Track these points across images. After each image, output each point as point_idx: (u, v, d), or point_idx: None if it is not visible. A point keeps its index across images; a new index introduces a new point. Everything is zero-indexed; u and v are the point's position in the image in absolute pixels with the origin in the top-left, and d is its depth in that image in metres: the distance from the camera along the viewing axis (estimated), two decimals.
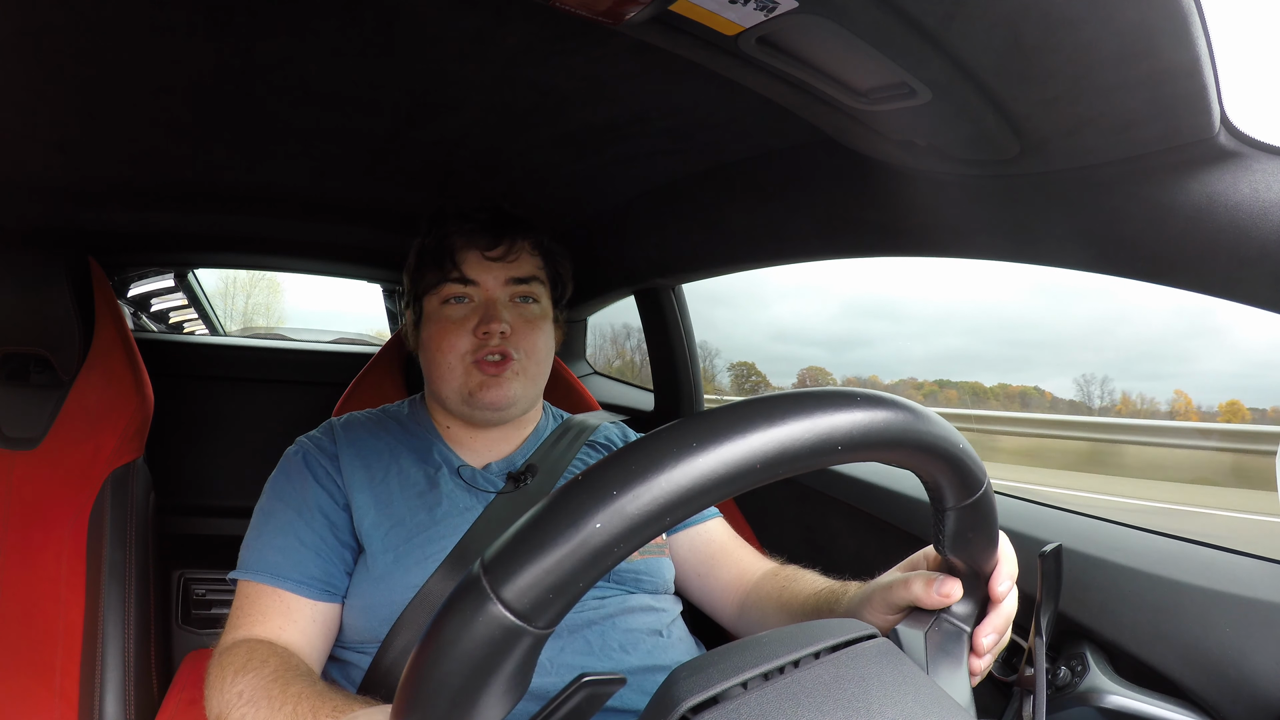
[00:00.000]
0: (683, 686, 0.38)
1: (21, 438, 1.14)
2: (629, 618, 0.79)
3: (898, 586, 0.56)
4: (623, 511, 0.31)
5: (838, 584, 0.73)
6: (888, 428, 0.36)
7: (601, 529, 0.31)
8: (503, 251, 0.90)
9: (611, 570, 0.32)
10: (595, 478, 0.32)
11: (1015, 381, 10.00)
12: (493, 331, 0.87)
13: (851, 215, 0.92)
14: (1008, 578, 0.52)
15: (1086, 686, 0.68)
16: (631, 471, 0.31)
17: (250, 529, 0.82)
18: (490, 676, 0.32)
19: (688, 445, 0.32)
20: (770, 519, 1.28)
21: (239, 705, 0.64)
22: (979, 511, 0.45)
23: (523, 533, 0.32)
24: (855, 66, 0.60)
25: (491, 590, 0.31)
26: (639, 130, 0.93)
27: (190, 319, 4.25)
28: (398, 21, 0.69)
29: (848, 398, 0.36)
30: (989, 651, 0.53)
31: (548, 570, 0.31)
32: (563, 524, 0.31)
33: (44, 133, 0.97)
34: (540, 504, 0.33)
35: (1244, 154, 0.54)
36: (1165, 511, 4.93)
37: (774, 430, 0.33)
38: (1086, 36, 0.48)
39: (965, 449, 0.41)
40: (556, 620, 0.32)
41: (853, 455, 0.36)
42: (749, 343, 16.38)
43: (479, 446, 0.93)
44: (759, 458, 0.32)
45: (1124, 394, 8.89)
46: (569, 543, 0.31)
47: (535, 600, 0.31)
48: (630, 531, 0.31)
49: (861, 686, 0.39)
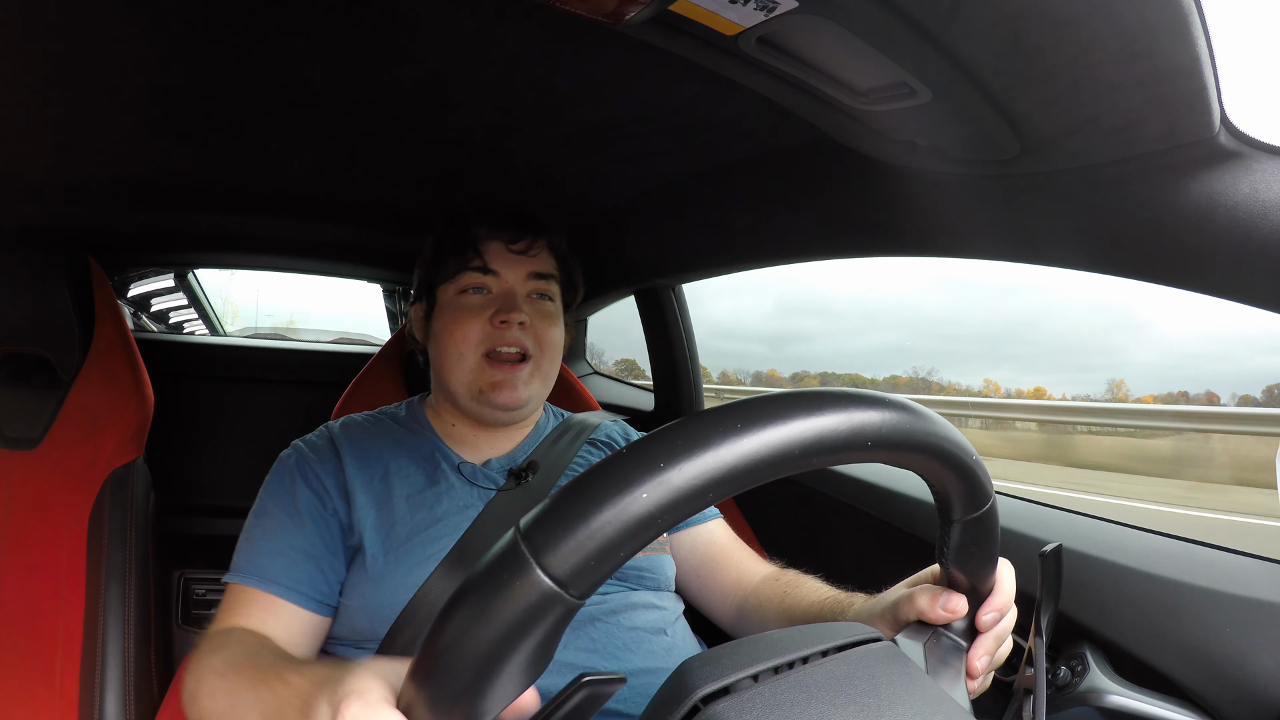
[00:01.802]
0: (696, 676, 0.38)
1: (21, 438, 1.14)
2: (632, 615, 0.79)
3: (903, 602, 0.57)
4: (669, 483, 0.31)
5: (843, 594, 0.73)
6: (914, 429, 0.38)
7: (647, 499, 0.31)
8: (525, 245, 0.91)
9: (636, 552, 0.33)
10: (641, 450, 0.33)
11: (959, 375, 10.14)
12: (511, 321, 0.87)
13: (851, 215, 0.92)
14: (996, 610, 0.53)
15: (1086, 686, 0.68)
16: (678, 446, 0.32)
17: (243, 532, 0.82)
18: (519, 645, 0.32)
19: (733, 426, 0.33)
20: (770, 519, 1.28)
21: (210, 678, 0.64)
22: (983, 526, 0.46)
23: (566, 498, 0.32)
24: (855, 66, 0.60)
25: (531, 555, 0.31)
26: (639, 130, 0.93)
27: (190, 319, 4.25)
28: (398, 21, 0.69)
29: (880, 399, 0.37)
30: (981, 673, 0.54)
31: (591, 535, 0.31)
32: (609, 491, 0.31)
33: (44, 133, 0.97)
34: (582, 474, 0.33)
35: (1244, 154, 0.54)
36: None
37: (814, 420, 0.34)
38: (1087, 36, 0.48)
39: (977, 461, 0.43)
40: (590, 591, 0.32)
41: (880, 453, 0.37)
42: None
43: (480, 444, 0.93)
44: (798, 444, 0.34)
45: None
46: (614, 509, 0.31)
47: (576, 567, 0.31)
48: (674, 504, 0.31)
49: (871, 684, 0.39)
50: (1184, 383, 9.45)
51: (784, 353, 16.18)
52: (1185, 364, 9.36)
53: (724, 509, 1.13)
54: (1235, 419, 5.47)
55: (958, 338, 12.70)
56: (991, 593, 0.53)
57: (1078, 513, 0.88)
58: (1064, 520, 0.86)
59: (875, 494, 1.06)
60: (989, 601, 0.53)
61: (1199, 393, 7.64)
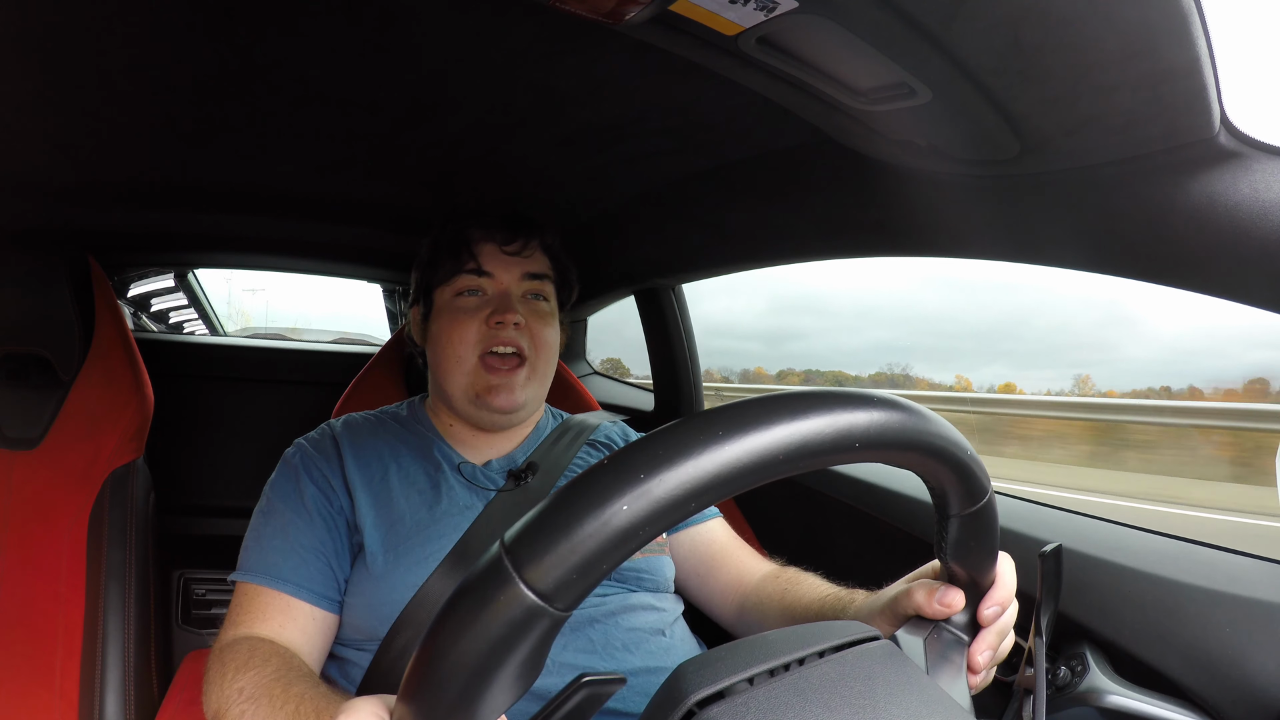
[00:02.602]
0: (690, 680, 0.38)
1: (21, 438, 1.14)
2: (631, 616, 0.79)
3: (901, 597, 0.57)
4: (649, 494, 0.31)
5: (844, 591, 0.73)
6: (903, 429, 0.37)
7: (628, 510, 0.31)
8: (519, 246, 0.92)
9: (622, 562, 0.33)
10: (621, 462, 0.32)
11: (934, 372, 10.21)
12: (506, 321, 0.87)
13: (851, 215, 0.92)
14: (997, 604, 0.53)
15: (1086, 686, 0.68)
16: (658, 456, 0.32)
17: (250, 530, 0.82)
18: (506, 659, 0.32)
19: (714, 434, 0.32)
20: (770, 519, 1.28)
21: (239, 702, 0.64)
22: (981, 520, 0.46)
23: (548, 513, 0.32)
24: (855, 66, 0.60)
25: (514, 569, 0.31)
26: (639, 130, 0.93)
27: (190, 319, 4.26)
28: (397, 21, 0.69)
29: (866, 399, 0.37)
30: (984, 668, 0.54)
31: (573, 549, 0.31)
32: (590, 504, 0.31)
33: (44, 133, 0.97)
34: (564, 486, 0.33)
35: (1244, 154, 0.54)
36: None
37: (797, 424, 0.34)
38: (1086, 36, 0.48)
39: (972, 456, 0.42)
40: (575, 603, 0.32)
41: (868, 454, 0.37)
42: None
43: (480, 445, 0.93)
44: (782, 449, 0.33)
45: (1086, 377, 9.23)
46: (595, 522, 0.31)
47: (558, 580, 0.31)
48: (656, 514, 0.31)
49: (867, 685, 0.39)
50: (1170, 378, 9.56)
51: (779, 350, 16.33)
52: (1179, 359, 9.39)
53: (724, 508, 1.13)
54: (1221, 414, 5.48)
55: (953, 335, 12.86)
56: (992, 587, 0.53)
57: (1078, 513, 0.88)
58: (1064, 520, 0.86)
59: (875, 493, 1.06)
60: (990, 596, 0.53)
61: (1181, 388, 7.68)
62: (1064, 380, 9.38)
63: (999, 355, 9.55)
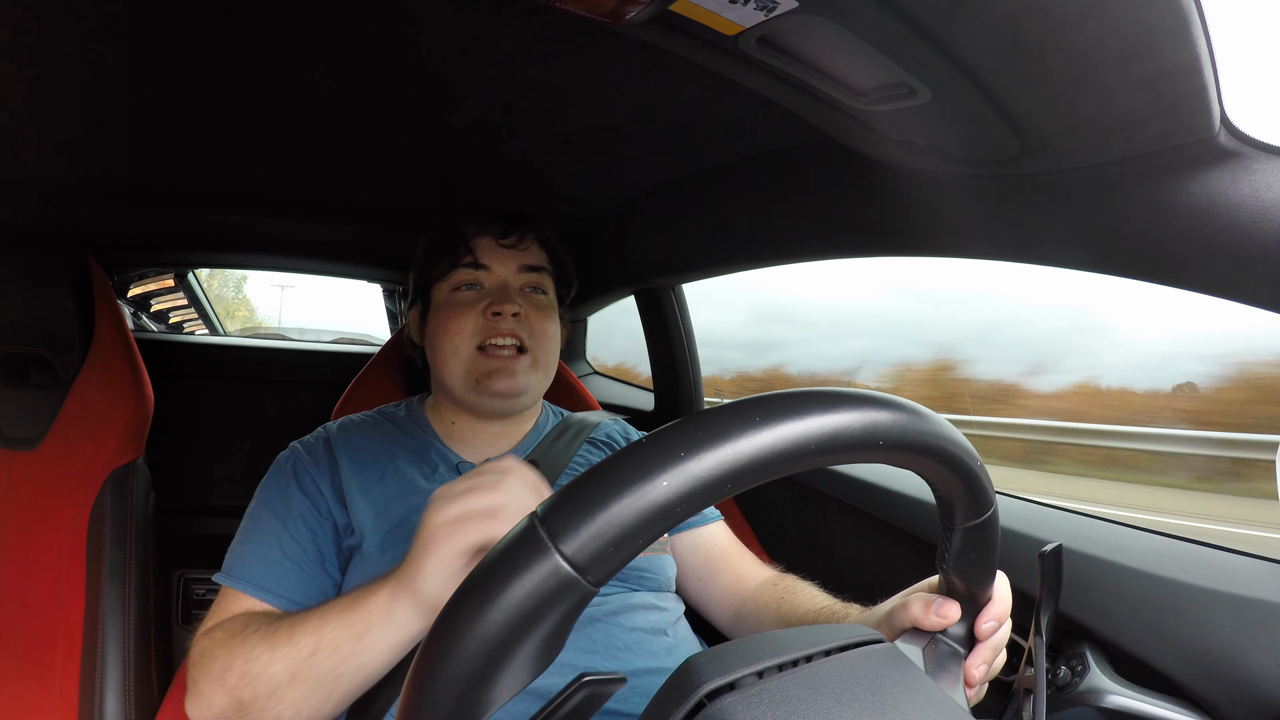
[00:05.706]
0: (701, 672, 0.38)
1: (21, 438, 1.14)
2: (633, 615, 0.79)
3: (898, 610, 0.57)
4: (689, 471, 0.32)
5: (839, 605, 0.74)
6: (925, 432, 0.39)
7: (667, 486, 0.31)
8: (515, 239, 0.92)
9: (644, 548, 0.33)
10: (662, 440, 0.33)
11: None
12: (504, 312, 0.87)
13: (851, 215, 0.92)
14: (994, 619, 0.54)
15: (1086, 686, 0.68)
16: (698, 437, 0.33)
17: (238, 532, 0.82)
18: (532, 630, 0.32)
19: (751, 419, 0.33)
20: (771, 519, 1.28)
21: (244, 652, 0.65)
22: (984, 533, 0.46)
23: (586, 484, 0.32)
24: (855, 66, 0.60)
25: (550, 540, 0.31)
26: (639, 130, 0.93)
27: (190, 319, 4.25)
28: (397, 21, 0.69)
29: (893, 401, 0.38)
30: (979, 682, 0.54)
31: (610, 521, 0.31)
32: (630, 478, 0.32)
33: (44, 133, 0.97)
34: (602, 461, 0.33)
35: (1244, 154, 0.54)
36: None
37: (829, 417, 0.35)
38: (1086, 36, 0.48)
39: (981, 466, 0.43)
40: (607, 578, 0.32)
41: (890, 454, 0.38)
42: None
43: (479, 443, 0.93)
44: (814, 439, 0.34)
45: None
46: (634, 495, 0.31)
47: (594, 552, 0.31)
48: (694, 492, 0.32)
49: (874, 683, 0.40)
50: (1133, 382, 9.57)
51: (763, 359, 16.41)
52: (1160, 364, 9.38)
53: (724, 509, 1.13)
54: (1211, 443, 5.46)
55: (928, 344, 12.92)
56: (989, 603, 0.54)
57: (1078, 512, 0.88)
58: (1064, 520, 0.86)
59: (875, 494, 1.06)
60: (987, 610, 0.54)
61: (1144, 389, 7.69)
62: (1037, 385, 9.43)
63: (974, 361, 9.58)
